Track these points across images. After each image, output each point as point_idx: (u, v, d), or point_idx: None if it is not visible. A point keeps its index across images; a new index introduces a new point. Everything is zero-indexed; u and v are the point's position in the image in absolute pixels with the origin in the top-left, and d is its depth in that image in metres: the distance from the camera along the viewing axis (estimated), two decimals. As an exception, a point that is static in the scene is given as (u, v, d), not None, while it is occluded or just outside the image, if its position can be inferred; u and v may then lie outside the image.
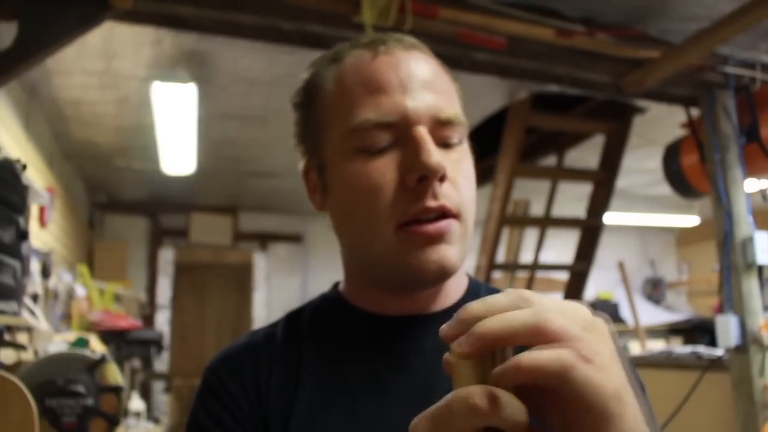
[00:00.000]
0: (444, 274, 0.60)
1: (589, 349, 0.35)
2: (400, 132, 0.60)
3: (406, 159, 0.59)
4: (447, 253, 0.60)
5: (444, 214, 0.59)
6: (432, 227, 0.59)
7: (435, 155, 0.57)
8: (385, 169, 0.60)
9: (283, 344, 0.68)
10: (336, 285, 0.74)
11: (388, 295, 0.66)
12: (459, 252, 0.61)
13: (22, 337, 1.85)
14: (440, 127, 0.61)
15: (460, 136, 0.63)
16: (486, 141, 3.71)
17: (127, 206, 5.51)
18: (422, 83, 0.61)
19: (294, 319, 0.71)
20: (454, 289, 0.68)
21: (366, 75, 0.62)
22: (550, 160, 3.89)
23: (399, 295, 0.65)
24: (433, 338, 0.64)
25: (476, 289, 0.71)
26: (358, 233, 0.63)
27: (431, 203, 0.58)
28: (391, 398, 0.61)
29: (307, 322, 0.70)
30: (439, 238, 0.59)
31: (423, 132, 0.59)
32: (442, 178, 0.59)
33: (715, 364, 2.51)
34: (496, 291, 0.73)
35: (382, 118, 0.59)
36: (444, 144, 0.62)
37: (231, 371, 0.66)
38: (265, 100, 3.18)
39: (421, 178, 0.58)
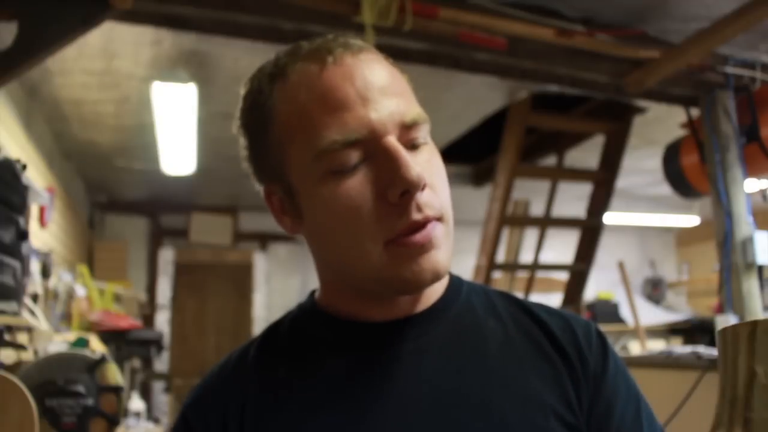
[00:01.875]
0: (437, 279, 0.60)
1: None
2: (369, 146, 0.58)
3: (383, 174, 0.57)
4: (438, 257, 0.59)
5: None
6: (420, 236, 0.58)
7: (413, 168, 0.56)
8: (362, 187, 0.58)
9: (257, 365, 0.66)
10: (313, 293, 0.73)
11: (371, 303, 0.65)
12: (447, 253, 0.61)
13: (22, 337, 1.85)
14: (406, 130, 0.59)
15: (425, 133, 0.62)
16: (486, 141, 3.72)
17: (127, 206, 5.51)
18: (380, 90, 0.59)
19: (272, 334, 0.70)
20: (435, 287, 0.67)
21: (320, 91, 0.58)
22: (550, 160, 3.89)
23: (382, 301, 0.64)
24: (414, 341, 0.64)
25: (458, 286, 0.70)
26: (343, 254, 0.61)
27: (417, 216, 0.57)
28: (378, 405, 0.61)
29: (285, 336, 0.69)
30: (428, 246, 0.58)
31: (395, 144, 0.57)
32: (423, 187, 0.58)
33: (715, 364, 2.51)
34: (481, 288, 0.72)
35: (349, 137, 0.57)
36: (412, 146, 0.60)
37: (196, 416, 0.65)
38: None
39: (403, 192, 0.57)
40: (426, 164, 0.60)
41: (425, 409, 0.60)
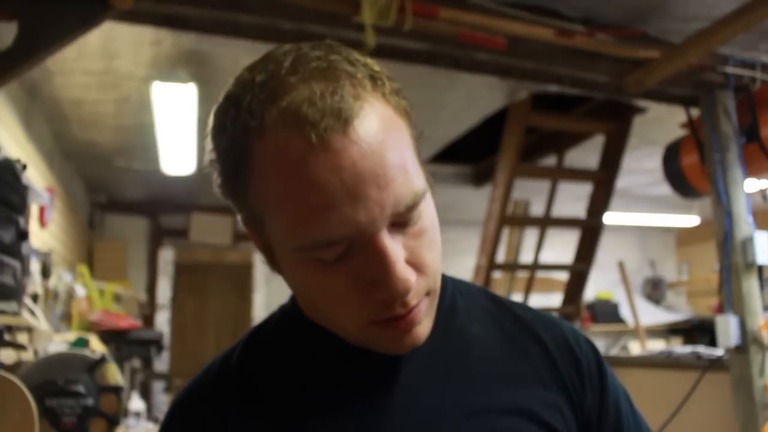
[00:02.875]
0: (416, 347, 0.58)
1: None
2: (357, 240, 0.52)
3: (370, 270, 0.52)
4: (418, 333, 0.57)
5: None
6: (404, 323, 0.55)
7: (402, 278, 0.52)
8: (344, 278, 0.53)
9: (242, 373, 0.64)
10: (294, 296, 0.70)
11: None
12: (430, 321, 0.59)
13: (22, 337, 1.85)
14: (399, 216, 0.53)
15: (421, 206, 0.55)
16: (486, 141, 3.72)
17: (127, 206, 5.51)
18: (373, 181, 0.50)
19: (253, 343, 0.68)
20: None
21: (302, 187, 0.50)
22: (550, 160, 3.89)
23: None
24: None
25: (443, 290, 0.66)
26: (322, 318, 0.60)
27: (401, 311, 0.54)
28: (369, 411, 0.60)
29: (271, 342, 0.67)
30: (410, 328, 0.56)
31: (386, 246, 0.52)
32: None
33: (715, 364, 2.51)
34: (465, 288, 0.71)
35: (334, 239, 0.51)
36: (404, 224, 0.54)
37: (180, 428, 0.64)
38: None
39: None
40: (418, 242, 0.55)
41: (417, 420, 0.60)
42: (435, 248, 0.57)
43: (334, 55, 0.54)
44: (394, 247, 0.52)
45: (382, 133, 0.52)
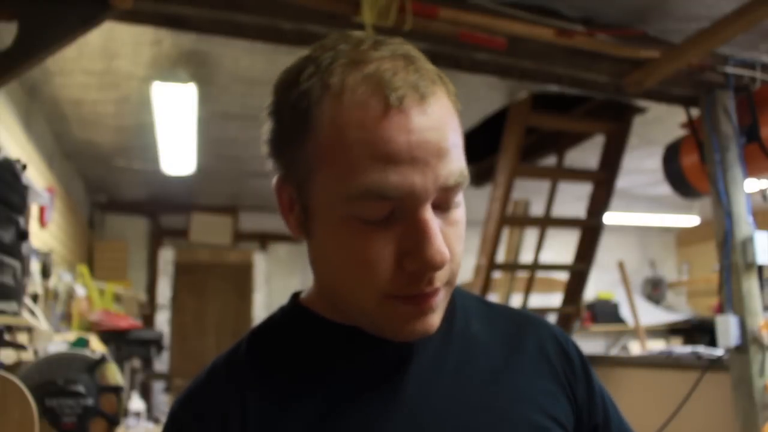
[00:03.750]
0: (425, 336, 0.60)
1: None
2: (404, 206, 0.55)
3: (408, 241, 0.55)
4: (432, 321, 0.59)
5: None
6: (423, 304, 0.58)
7: (440, 251, 0.54)
8: (382, 244, 0.56)
9: (252, 372, 0.64)
10: (295, 296, 0.72)
11: None
12: (441, 315, 0.61)
13: (22, 337, 1.85)
14: (445, 192, 0.56)
15: (461, 193, 0.59)
16: (486, 141, 3.71)
17: (127, 206, 5.51)
18: (435, 152, 0.55)
19: (258, 340, 0.68)
20: None
21: (372, 136, 0.54)
22: (550, 160, 3.89)
23: None
24: (412, 345, 0.64)
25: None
26: (341, 287, 0.60)
27: (427, 289, 0.57)
28: (386, 406, 0.61)
29: (276, 341, 0.67)
30: (426, 310, 0.58)
31: (429, 218, 0.55)
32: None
33: (715, 364, 2.51)
34: (461, 291, 0.74)
35: (386, 193, 0.54)
36: (445, 206, 0.58)
37: (194, 418, 0.62)
38: (265, 100, 3.16)
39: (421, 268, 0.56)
40: (452, 226, 0.59)
41: (430, 412, 0.61)
42: (462, 243, 0.60)
43: (410, 47, 0.60)
44: (436, 221, 0.56)
45: (446, 116, 0.58)
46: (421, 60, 0.60)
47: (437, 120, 0.56)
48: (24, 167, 1.72)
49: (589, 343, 5.71)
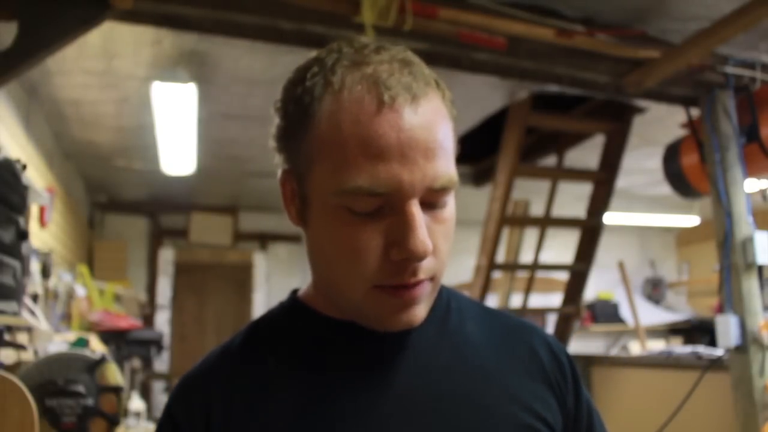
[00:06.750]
0: (410, 327, 0.63)
1: None
2: (392, 200, 0.58)
3: (394, 232, 0.59)
4: (417, 312, 0.62)
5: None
6: (406, 294, 0.61)
7: (423, 241, 0.58)
8: (370, 234, 0.59)
9: (243, 361, 0.68)
10: (294, 292, 0.74)
11: None
12: (427, 307, 0.64)
13: (22, 337, 1.85)
14: (433, 193, 0.60)
15: (451, 195, 0.63)
16: (486, 141, 3.71)
17: (127, 206, 5.51)
18: (423, 151, 0.58)
19: (255, 332, 0.71)
20: None
21: (365, 133, 0.57)
22: (550, 160, 3.89)
23: None
24: (404, 340, 0.67)
25: (440, 293, 0.72)
26: (333, 276, 0.64)
27: (410, 279, 0.60)
28: (375, 400, 0.63)
29: (273, 332, 0.71)
30: (410, 302, 0.61)
31: (415, 212, 0.58)
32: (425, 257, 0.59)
33: (715, 364, 2.51)
34: (458, 294, 0.77)
35: (375, 189, 0.57)
36: (432, 205, 0.61)
37: (183, 408, 0.66)
38: (265, 100, 3.18)
39: (405, 258, 0.59)
40: (439, 225, 0.62)
41: (419, 405, 0.64)
42: (449, 241, 0.64)
43: (409, 53, 0.64)
44: (421, 215, 0.59)
45: (437, 119, 0.61)
46: (419, 65, 0.63)
47: (427, 120, 0.59)
48: (24, 167, 1.72)
49: (589, 343, 5.72)
